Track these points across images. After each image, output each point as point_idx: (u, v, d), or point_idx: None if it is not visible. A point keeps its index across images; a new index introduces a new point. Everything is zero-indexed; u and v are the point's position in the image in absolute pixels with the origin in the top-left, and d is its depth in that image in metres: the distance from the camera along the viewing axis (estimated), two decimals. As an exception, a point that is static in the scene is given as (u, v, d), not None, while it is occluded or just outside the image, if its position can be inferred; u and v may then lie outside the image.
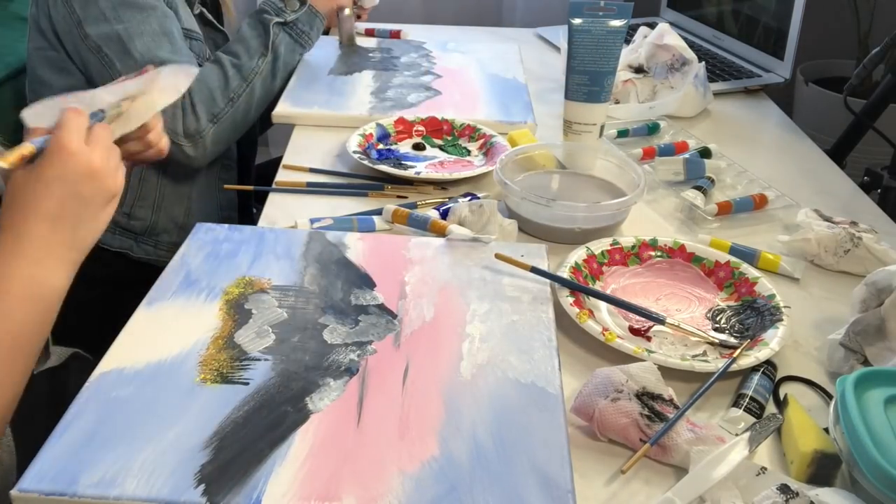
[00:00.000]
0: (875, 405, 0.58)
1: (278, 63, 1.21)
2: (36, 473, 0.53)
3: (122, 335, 0.66)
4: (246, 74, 1.17)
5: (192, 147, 1.13)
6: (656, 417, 0.62)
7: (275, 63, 1.20)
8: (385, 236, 0.86)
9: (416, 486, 0.53)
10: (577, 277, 0.80)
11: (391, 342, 0.67)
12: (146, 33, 1.07)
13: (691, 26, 1.63)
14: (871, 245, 0.86)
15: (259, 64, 1.18)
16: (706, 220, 0.96)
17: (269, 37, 1.20)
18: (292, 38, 1.23)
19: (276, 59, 1.21)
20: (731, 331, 0.76)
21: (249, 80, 1.17)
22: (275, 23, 1.21)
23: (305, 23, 1.25)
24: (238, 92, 1.16)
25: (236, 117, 1.16)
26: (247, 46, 1.19)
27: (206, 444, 0.55)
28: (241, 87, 1.16)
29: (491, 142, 1.09)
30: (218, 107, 1.14)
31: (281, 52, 1.21)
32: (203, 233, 0.82)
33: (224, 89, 1.14)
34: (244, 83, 1.16)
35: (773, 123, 1.31)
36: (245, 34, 1.21)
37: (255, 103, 1.18)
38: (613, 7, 1.03)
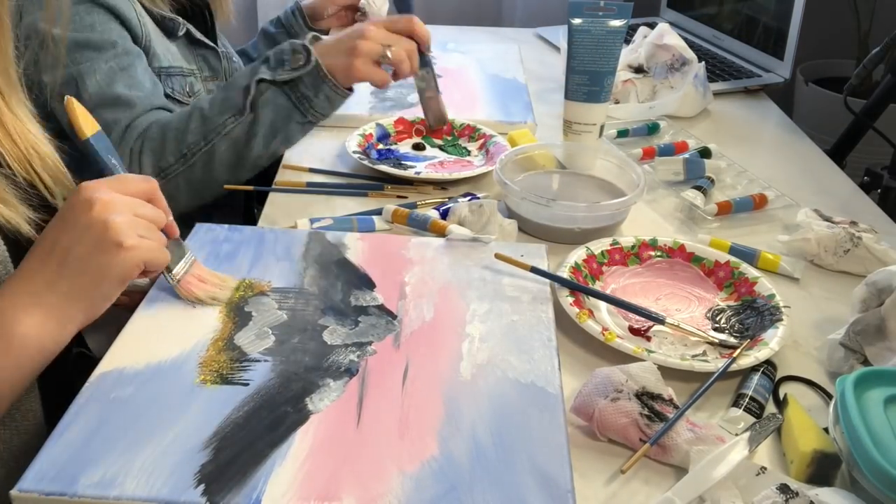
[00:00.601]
0: (875, 405, 0.58)
1: (257, 128, 0.97)
2: (36, 473, 0.53)
3: (123, 336, 0.66)
4: (207, 131, 0.97)
5: None
6: (656, 417, 0.62)
7: (253, 127, 0.97)
8: (385, 236, 0.86)
9: (416, 486, 0.53)
10: (577, 277, 0.80)
11: (391, 343, 0.67)
12: (100, 71, 0.98)
13: (691, 26, 1.63)
14: (871, 245, 0.86)
15: (228, 123, 0.97)
16: (706, 220, 0.96)
17: (251, 94, 0.96)
18: (289, 99, 0.97)
19: (256, 122, 0.97)
20: (730, 331, 0.76)
21: (209, 138, 0.97)
22: (261, 79, 0.96)
23: (308, 86, 0.97)
24: (192, 149, 0.97)
25: (192, 179, 0.98)
26: (225, 97, 0.98)
27: (206, 445, 0.55)
28: (198, 144, 0.97)
29: (491, 142, 1.09)
30: (167, 161, 0.97)
31: (264, 115, 0.97)
32: (203, 233, 0.82)
33: (178, 141, 0.97)
34: (202, 140, 0.97)
35: (773, 123, 1.31)
36: (235, 81, 1.00)
37: (217, 167, 0.98)
38: (613, 7, 1.03)
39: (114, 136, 0.97)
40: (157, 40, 1.08)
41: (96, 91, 0.97)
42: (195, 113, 0.98)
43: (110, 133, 0.97)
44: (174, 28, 1.12)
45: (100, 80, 0.98)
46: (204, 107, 0.99)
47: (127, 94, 0.99)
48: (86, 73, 0.98)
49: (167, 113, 1.02)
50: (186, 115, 0.99)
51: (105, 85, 0.98)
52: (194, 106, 1.00)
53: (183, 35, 1.14)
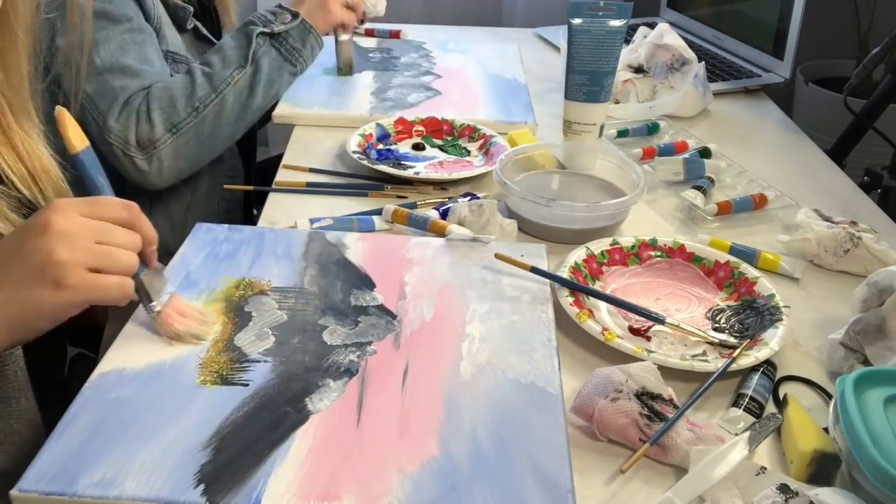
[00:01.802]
0: (875, 405, 0.58)
1: (259, 77, 1.06)
2: (36, 473, 0.53)
3: (123, 336, 0.66)
4: (216, 83, 1.04)
5: (144, 160, 1.02)
6: (656, 417, 0.62)
7: (255, 76, 1.06)
8: (385, 236, 0.86)
9: (416, 486, 0.53)
10: (577, 277, 0.80)
11: (391, 343, 0.67)
12: (113, 41, 1.01)
13: (691, 26, 1.63)
14: (871, 245, 0.86)
15: (234, 74, 1.05)
16: (706, 220, 0.96)
17: (251, 47, 1.06)
18: (280, 53, 1.08)
19: (257, 72, 1.06)
20: (730, 330, 0.76)
21: (219, 89, 1.03)
22: (259, 33, 1.07)
23: (297, 38, 1.09)
24: (204, 101, 1.03)
25: (201, 131, 1.03)
26: (223, 56, 1.06)
27: (206, 445, 0.55)
28: (209, 96, 1.03)
29: (491, 142, 1.09)
30: (179, 116, 1.01)
31: (263, 66, 1.07)
32: (203, 233, 0.82)
33: (188, 96, 1.02)
34: (213, 92, 1.03)
35: (773, 123, 1.31)
36: (225, 44, 1.08)
37: (225, 119, 1.05)
38: (613, 7, 1.03)
39: (119, 100, 1.01)
40: (167, 26, 1.12)
41: (108, 57, 1.01)
42: (196, 72, 1.05)
43: (116, 98, 1.01)
44: (184, 19, 1.16)
45: (112, 49, 1.01)
46: (204, 67, 1.06)
47: (137, 65, 1.02)
48: (100, 40, 1.00)
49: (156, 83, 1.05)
50: (187, 75, 1.05)
51: (117, 54, 1.01)
52: (191, 69, 1.06)
53: (191, 29, 1.18)
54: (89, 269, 0.57)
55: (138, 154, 1.01)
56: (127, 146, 1.01)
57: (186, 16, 1.16)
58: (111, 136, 1.01)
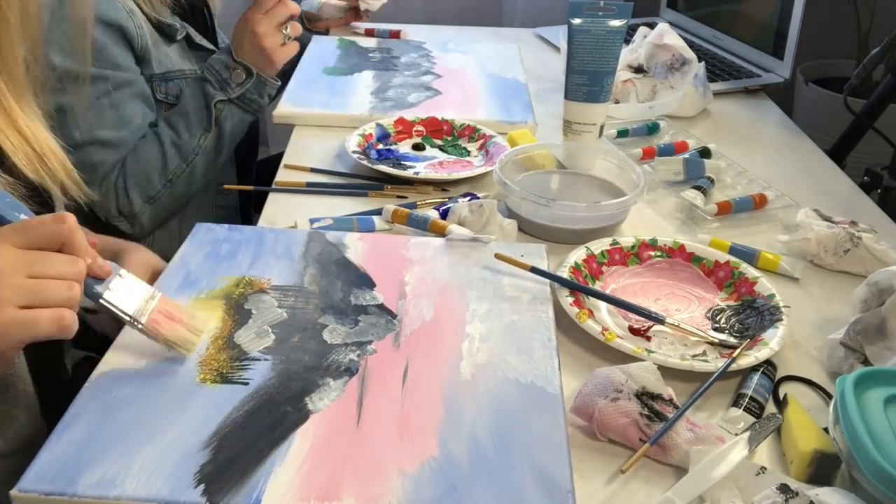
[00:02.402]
0: (875, 405, 0.58)
1: (223, 139, 1.12)
2: (36, 473, 0.53)
3: (123, 335, 0.66)
4: (186, 154, 1.09)
5: (127, 226, 1.10)
6: (656, 417, 0.62)
7: (219, 140, 1.12)
8: (385, 236, 0.86)
9: (416, 486, 0.53)
10: (577, 277, 0.80)
11: (391, 342, 0.67)
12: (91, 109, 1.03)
13: (691, 26, 1.63)
14: (871, 245, 0.86)
15: (200, 143, 1.10)
16: (706, 220, 0.96)
17: (212, 114, 1.10)
18: (241, 108, 1.13)
19: (221, 136, 1.12)
20: (730, 330, 0.76)
21: (189, 160, 1.10)
22: (218, 100, 1.10)
23: (254, 92, 1.13)
24: (177, 173, 1.09)
25: (176, 194, 1.11)
26: (188, 122, 1.10)
27: (206, 444, 0.55)
28: (181, 167, 1.09)
29: (491, 142, 1.09)
30: (154, 188, 1.08)
31: (226, 127, 1.12)
32: (203, 233, 0.82)
33: (162, 171, 1.08)
34: (184, 163, 1.09)
35: (773, 123, 1.31)
36: (186, 105, 1.11)
37: (196, 179, 1.12)
38: (613, 7, 1.03)
39: (98, 174, 1.06)
40: (154, 48, 1.11)
41: (86, 130, 1.04)
42: (165, 141, 1.09)
43: (95, 172, 1.06)
44: (173, 33, 1.15)
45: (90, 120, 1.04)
46: (171, 134, 1.10)
47: (114, 136, 1.06)
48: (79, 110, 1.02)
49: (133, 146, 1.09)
50: (157, 145, 1.09)
51: (94, 125, 1.04)
52: (159, 134, 1.10)
53: (182, 38, 1.17)
54: (21, 307, 0.53)
55: (121, 222, 1.10)
56: (110, 215, 1.09)
57: (174, 32, 1.15)
58: (95, 206, 1.07)
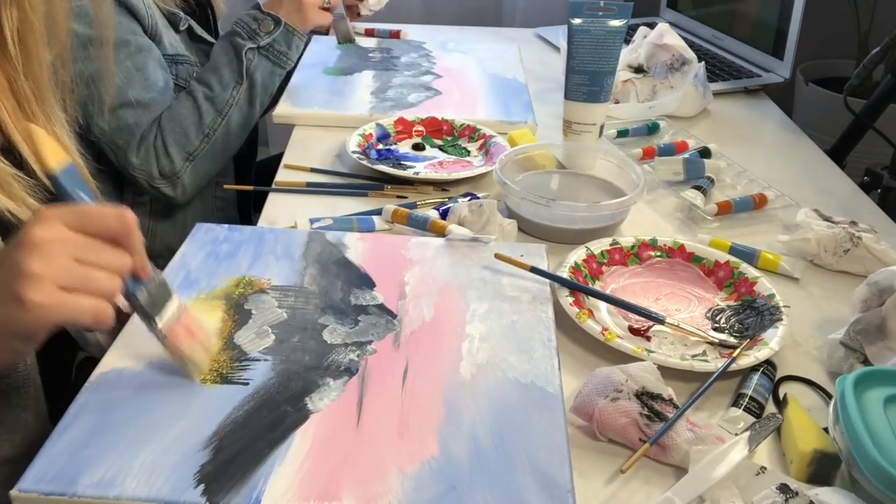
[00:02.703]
0: (874, 405, 0.58)
1: (255, 90, 1.14)
2: (36, 473, 0.53)
3: (122, 336, 0.66)
4: (220, 107, 1.11)
5: (170, 188, 1.11)
6: (656, 417, 0.62)
7: (251, 90, 1.14)
8: (385, 236, 0.86)
9: (416, 486, 0.53)
10: (577, 277, 0.80)
11: (391, 342, 0.67)
12: (118, 73, 1.03)
13: (691, 26, 1.63)
14: (871, 245, 0.86)
15: (234, 95, 1.12)
16: (706, 220, 0.96)
17: (243, 64, 1.13)
18: (270, 60, 1.15)
19: (253, 86, 1.14)
20: (730, 330, 0.76)
21: (224, 112, 1.12)
22: (248, 49, 1.13)
23: (283, 43, 1.16)
24: (213, 126, 1.11)
25: (214, 151, 1.12)
26: (219, 75, 1.13)
27: (206, 444, 0.55)
28: (217, 121, 1.11)
29: (491, 142, 1.09)
30: (193, 145, 1.10)
31: (257, 78, 1.14)
32: (203, 233, 0.82)
33: (198, 125, 1.10)
34: (219, 116, 1.11)
35: (773, 123, 1.31)
36: (217, 61, 1.14)
37: (233, 134, 1.14)
38: (613, 7, 1.03)
39: (136, 137, 1.08)
40: (163, 30, 1.14)
41: (115, 93, 1.04)
42: (198, 96, 1.11)
43: (132, 135, 1.08)
44: (177, 22, 1.18)
45: (118, 83, 1.04)
46: (205, 90, 1.12)
47: (143, 96, 1.08)
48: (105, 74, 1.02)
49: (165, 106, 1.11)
50: (191, 101, 1.11)
51: (124, 87, 1.05)
52: (192, 91, 1.12)
53: (185, 30, 1.20)
54: (62, 287, 0.52)
55: (163, 184, 1.11)
56: (152, 178, 1.10)
57: (177, 20, 1.18)
58: (135, 171, 1.10)
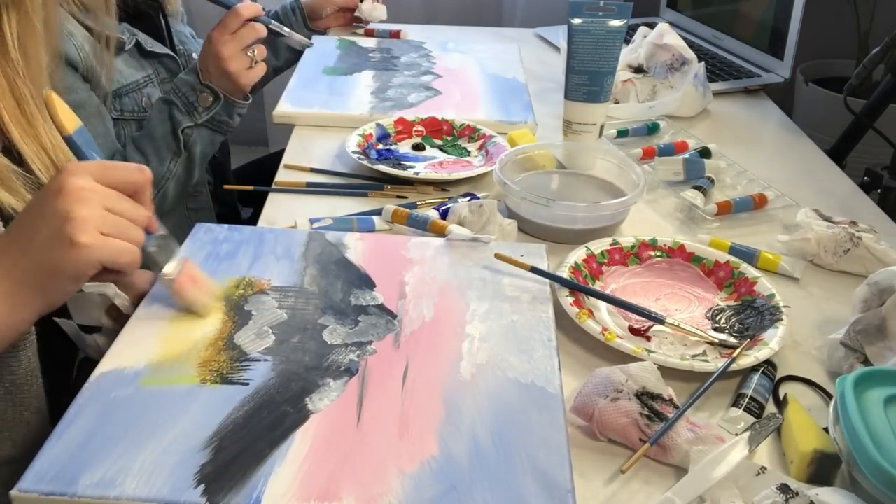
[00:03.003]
0: (875, 405, 0.58)
1: (193, 162, 1.12)
2: (36, 473, 0.53)
3: (122, 336, 0.66)
4: (156, 181, 1.08)
5: None
6: (656, 417, 0.62)
7: (189, 162, 1.12)
8: (385, 236, 0.86)
9: (416, 486, 0.53)
10: (577, 277, 0.80)
11: (391, 342, 0.67)
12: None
13: (691, 26, 1.63)
14: (871, 245, 0.86)
15: (170, 167, 1.10)
16: (706, 220, 0.96)
17: (180, 141, 1.10)
18: (210, 129, 1.12)
19: (191, 158, 1.12)
20: (730, 330, 0.76)
21: (161, 186, 1.10)
22: (185, 127, 1.10)
23: (223, 114, 1.12)
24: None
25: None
26: (156, 147, 1.10)
27: (206, 445, 0.55)
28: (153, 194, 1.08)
29: (490, 142, 1.09)
30: None
31: (196, 150, 1.12)
32: (203, 233, 0.82)
33: None
34: (155, 189, 1.04)
35: (773, 123, 1.31)
36: (154, 130, 1.10)
37: (168, 203, 1.13)
38: (613, 7, 1.03)
39: None
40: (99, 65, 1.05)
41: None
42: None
43: None
44: (121, 44, 1.12)
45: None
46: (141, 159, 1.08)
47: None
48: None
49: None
50: None
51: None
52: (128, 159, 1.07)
53: (131, 48, 1.14)
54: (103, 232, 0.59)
55: None
56: None
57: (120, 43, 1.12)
58: None
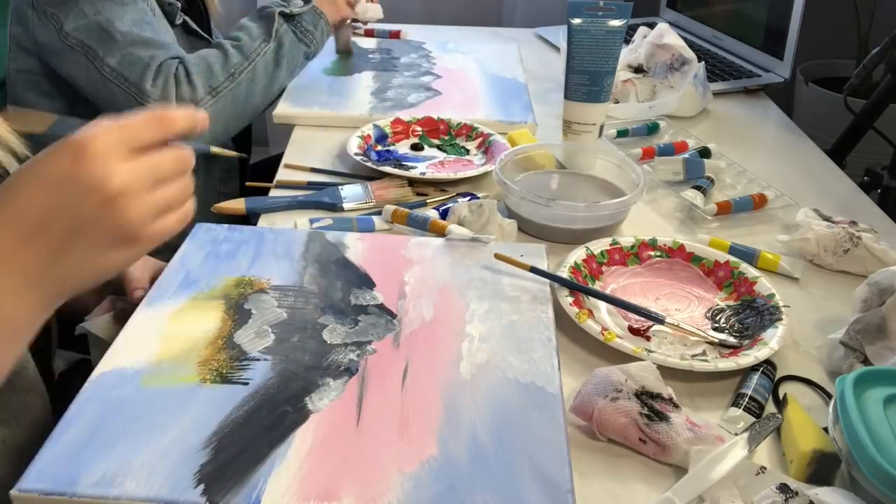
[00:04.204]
0: (874, 405, 0.58)
1: (282, 52, 1.13)
2: (36, 473, 0.53)
3: (122, 335, 0.66)
4: (247, 53, 1.10)
5: None
6: (656, 417, 0.62)
7: (278, 51, 1.13)
8: (385, 236, 0.86)
9: (416, 486, 0.53)
10: (577, 277, 0.80)
11: (391, 342, 0.67)
12: (126, 19, 1.04)
13: (691, 26, 1.63)
14: (871, 245, 0.86)
15: (262, 47, 1.11)
16: (706, 220, 0.96)
17: (273, 24, 1.13)
18: (295, 35, 1.15)
19: (280, 47, 1.13)
20: (730, 330, 0.76)
21: (251, 58, 1.10)
22: (279, 11, 1.14)
23: (309, 21, 1.17)
24: (239, 68, 1.09)
25: (237, 96, 1.09)
26: (248, 31, 1.13)
27: (206, 444, 0.55)
28: (243, 63, 1.09)
29: (490, 140, 1.09)
30: (217, 80, 1.07)
31: (285, 42, 1.14)
32: (203, 233, 0.82)
33: (224, 64, 1.08)
34: (245, 60, 1.10)
35: (773, 123, 1.31)
36: (246, 23, 1.15)
37: (257, 87, 1.11)
38: (613, 7, 1.03)
39: (151, 68, 1.04)
40: (160, 19, 1.14)
41: (127, 32, 1.04)
42: (226, 44, 1.11)
43: (148, 66, 1.04)
44: (173, 15, 1.18)
45: (129, 24, 1.05)
46: (231, 41, 1.12)
47: (157, 38, 1.07)
48: (114, 18, 1.04)
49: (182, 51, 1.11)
50: (217, 48, 1.11)
51: (136, 28, 1.05)
52: (218, 42, 1.13)
53: (180, 24, 1.20)
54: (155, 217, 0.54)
55: None
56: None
57: (175, 11, 1.18)
58: (150, 101, 1.04)
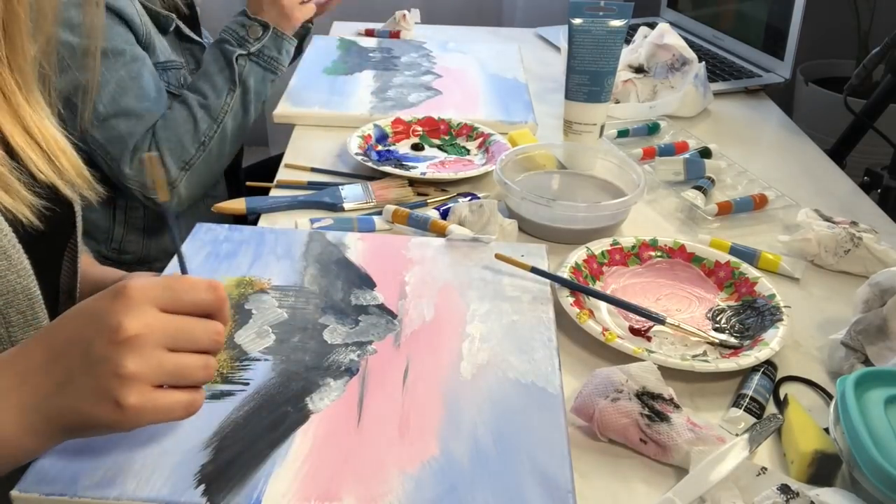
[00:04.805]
0: (875, 405, 0.58)
1: (248, 96, 1.13)
2: (36, 474, 0.53)
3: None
4: (215, 115, 1.10)
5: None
6: (656, 417, 0.62)
7: (245, 96, 1.12)
8: (385, 236, 0.86)
9: (417, 486, 0.53)
10: (578, 277, 0.80)
11: (391, 342, 0.67)
12: (110, 82, 1.03)
13: (691, 26, 1.63)
14: (872, 245, 0.86)
15: (227, 101, 1.11)
16: (706, 220, 0.96)
17: (235, 70, 1.11)
18: (261, 66, 1.14)
19: (246, 91, 1.12)
20: (731, 331, 0.76)
21: (220, 119, 1.10)
22: (238, 55, 1.11)
23: (272, 48, 1.14)
24: (209, 134, 1.09)
25: (210, 160, 1.10)
26: (212, 83, 1.11)
27: (206, 445, 0.55)
28: (212, 128, 1.09)
29: (490, 140, 1.09)
30: (188, 153, 1.08)
31: (250, 84, 1.12)
32: (203, 233, 0.82)
33: (194, 134, 1.08)
34: (214, 124, 1.10)
35: (773, 123, 1.31)
36: (208, 69, 1.12)
37: (228, 141, 1.12)
38: (613, 7, 1.03)
39: (129, 147, 1.06)
40: (155, 37, 1.13)
41: (109, 103, 1.04)
42: (192, 105, 1.10)
43: (126, 146, 1.06)
44: (166, 24, 1.18)
45: (112, 92, 1.04)
46: (198, 98, 1.10)
47: (137, 106, 1.06)
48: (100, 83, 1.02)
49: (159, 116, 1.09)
50: (185, 109, 1.10)
51: (117, 96, 1.04)
52: (186, 100, 1.11)
53: (173, 31, 1.19)
54: (157, 386, 0.49)
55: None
56: (146, 189, 1.08)
57: (168, 22, 1.17)
58: (129, 182, 1.07)
